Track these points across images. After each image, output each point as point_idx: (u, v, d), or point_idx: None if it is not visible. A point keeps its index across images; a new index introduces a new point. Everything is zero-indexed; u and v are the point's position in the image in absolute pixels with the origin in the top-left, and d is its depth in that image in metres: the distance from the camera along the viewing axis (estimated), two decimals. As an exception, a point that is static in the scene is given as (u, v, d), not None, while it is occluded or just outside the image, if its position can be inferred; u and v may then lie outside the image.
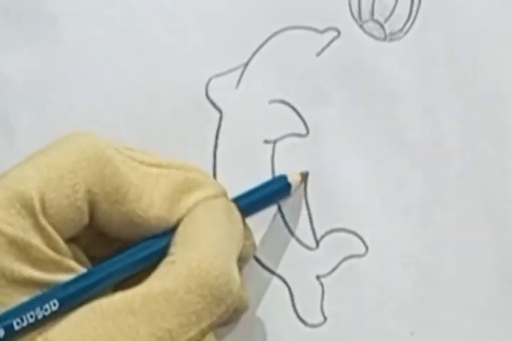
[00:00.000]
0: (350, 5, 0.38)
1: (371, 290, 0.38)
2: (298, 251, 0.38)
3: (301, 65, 0.38)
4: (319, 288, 0.38)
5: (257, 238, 0.38)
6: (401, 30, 0.38)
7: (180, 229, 0.33)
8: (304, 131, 0.38)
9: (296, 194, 0.38)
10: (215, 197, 0.34)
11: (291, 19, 0.38)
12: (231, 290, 0.32)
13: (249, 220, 0.37)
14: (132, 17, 0.38)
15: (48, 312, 0.30)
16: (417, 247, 0.38)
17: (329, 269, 0.38)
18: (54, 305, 0.30)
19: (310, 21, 0.38)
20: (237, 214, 0.35)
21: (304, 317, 0.38)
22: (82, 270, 0.32)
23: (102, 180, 0.32)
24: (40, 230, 0.31)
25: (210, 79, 0.38)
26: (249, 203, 0.36)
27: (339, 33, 0.38)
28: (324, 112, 0.38)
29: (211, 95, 0.38)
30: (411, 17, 0.38)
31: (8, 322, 0.30)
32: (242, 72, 0.38)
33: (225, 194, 0.35)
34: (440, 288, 0.38)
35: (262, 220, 0.38)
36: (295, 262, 0.38)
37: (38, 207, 0.31)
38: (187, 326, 0.31)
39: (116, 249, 0.33)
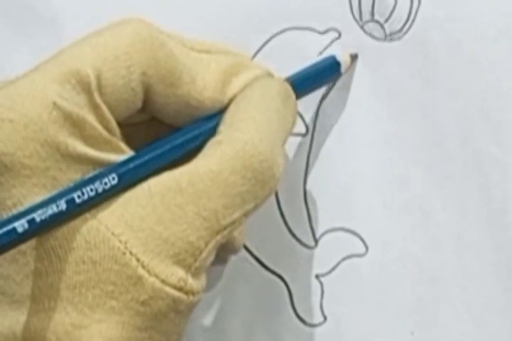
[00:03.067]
0: (350, 6, 0.38)
1: (371, 290, 0.38)
2: (297, 250, 0.38)
3: (302, 65, 0.38)
4: (319, 287, 0.38)
5: (256, 237, 0.38)
6: (401, 30, 0.38)
7: (232, 107, 0.33)
8: (303, 130, 0.38)
9: (295, 192, 0.38)
10: (270, 75, 0.35)
11: (292, 20, 0.38)
12: (274, 175, 0.32)
13: (248, 217, 0.37)
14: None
15: (108, 186, 0.31)
16: (417, 246, 0.38)
17: (329, 268, 0.38)
18: (113, 179, 0.31)
19: (311, 22, 0.38)
20: (292, 96, 0.35)
21: (304, 317, 0.38)
22: (132, 152, 0.32)
23: (156, 63, 0.32)
24: (95, 108, 0.31)
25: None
26: (301, 83, 0.36)
27: (340, 33, 0.38)
28: (324, 111, 0.38)
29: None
30: (411, 17, 0.38)
31: (69, 195, 0.30)
32: (243, 73, 0.38)
33: (272, 75, 0.35)
34: (440, 287, 0.38)
35: (260, 219, 0.38)
36: (294, 261, 0.38)
37: (94, 84, 0.31)
38: (232, 207, 0.31)
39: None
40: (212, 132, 0.33)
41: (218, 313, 0.38)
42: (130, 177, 0.31)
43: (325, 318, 0.38)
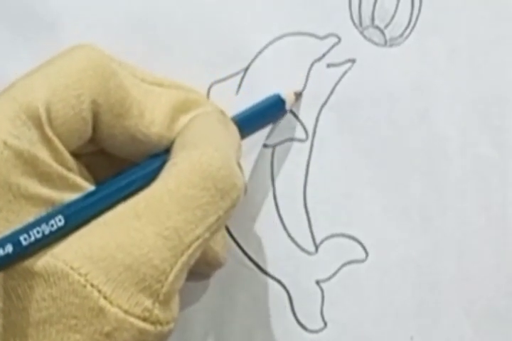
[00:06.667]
0: (350, 11, 0.38)
1: (371, 295, 0.38)
2: (297, 256, 0.38)
3: (300, 70, 0.38)
4: (319, 293, 0.38)
5: (256, 243, 0.38)
6: (401, 35, 0.38)
7: (178, 139, 0.33)
8: (303, 136, 0.38)
9: (295, 198, 0.38)
10: (212, 111, 0.34)
11: (292, 25, 0.38)
12: (235, 184, 0.31)
13: (248, 223, 0.37)
14: (132, 21, 0.38)
15: (54, 227, 0.30)
16: (417, 251, 0.38)
17: (329, 274, 0.38)
18: (60, 220, 0.30)
19: (310, 27, 0.38)
20: (232, 127, 0.34)
21: (304, 323, 0.38)
22: (89, 186, 0.32)
23: (107, 91, 0.32)
24: (47, 142, 0.31)
25: (211, 85, 0.38)
26: (246, 121, 0.35)
27: (339, 39, 0.38)
28: (324, 117, 0.38)
29: (212, 100, 0.37)
30: (411, 22, 0.38)
31: (15, 237, 0.29)
32: (243, 78, 0.38)
33: (221, 112, 0.35)
34: (440, 292, 0.38)
35: (261, 224, 0.38)
36: (294, 267, 0.38)
37: (44, 117, 0.31)
38: (193, 222, 0.30)
39: (117, 170, 0.33)
40: (158, 171, 0.32)
41: (218, 319, 0.38)
42: (77, 218, 0.31)
43: (325, 324, 0.38)
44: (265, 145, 0.38)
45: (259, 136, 0.38)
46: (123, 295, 0.29)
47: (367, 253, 0.38)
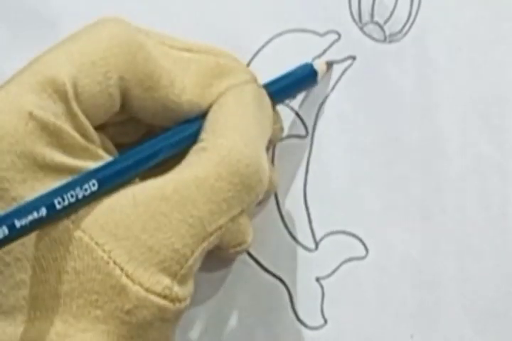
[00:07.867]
0: (350, 8, 0.38)
1: (371, 293, 0.38)
2: (297, 253, 0.38)
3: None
4: (319, 290, 0.38)
5: (256, 240, 0.38)
6: (400, 31, 0.38)
7: (210, 116, 0.33)
8: (303, 133, 0.38)
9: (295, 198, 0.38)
10: (246, 82, 0.34)
11: (292, 22, 0.38)
12: (260, 179, 0.32)
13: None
14: (132, 21, 0.38)
15: (88, 192, 0.30)
16: (417, 250, 0.38)
17: (329, 271, 0.38)
18: (93, 185, 0.30)
19: (310, 24, 0.38)
20: (267, 100, 0.34)
21: (304, 320, 0.38)
22: (111, 158, 0.32)
23: (134, 67, 0.32)
24: (72, 116, 0.31)
25: (212, 82, 0.38)
26: (278, 90, 0.36)
27: (339, 35, 0.38)
28: (324, 114, 0.38)
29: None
30: (410, 18, 0.38)
31: (49, 201, 0.29)
32: (243, 74, 0.38)
33: (255, 80, 0.34)
34: (440, 290, 0.38)
35: (261, 222, 0.38)
36: (294, 264, 0.38)
37: (70, 92, 0.31)
38: (217, 213, 0.31)
39: (145, 137, 0.33)
40: (192, 138, 0.33)
41: (218, 316, 0.38)
42: (110, 182, 0.31)
43: (325, 321, 0.38)
44: (266, 142, 0.38)
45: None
46: (144, 274, 0.30)
47: (367, 251, 0.38)
